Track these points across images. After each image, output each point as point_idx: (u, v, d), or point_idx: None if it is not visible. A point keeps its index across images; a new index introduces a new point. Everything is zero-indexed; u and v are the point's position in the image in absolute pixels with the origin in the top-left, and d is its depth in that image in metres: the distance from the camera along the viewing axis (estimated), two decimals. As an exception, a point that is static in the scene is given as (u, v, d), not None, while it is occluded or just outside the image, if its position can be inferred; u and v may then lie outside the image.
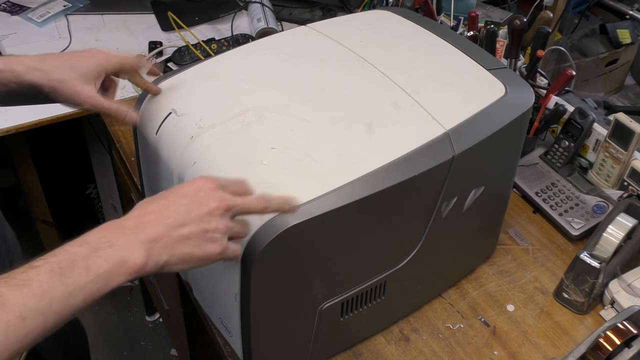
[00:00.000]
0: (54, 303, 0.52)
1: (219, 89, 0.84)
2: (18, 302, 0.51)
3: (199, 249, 0.61)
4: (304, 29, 0.96)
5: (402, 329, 0.94)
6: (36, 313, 0.51)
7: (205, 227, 0.61)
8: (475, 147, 0.79)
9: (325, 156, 0.74)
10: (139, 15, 1.67)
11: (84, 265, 0.55)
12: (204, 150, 0.76)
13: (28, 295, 0.51)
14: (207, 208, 0.62)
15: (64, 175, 2.01)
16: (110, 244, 0.57)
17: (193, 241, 0.61)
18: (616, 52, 2.11)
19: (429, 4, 1.29)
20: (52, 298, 0.52)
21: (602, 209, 1.08)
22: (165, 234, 0.60)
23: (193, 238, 0.61)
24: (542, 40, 1.16)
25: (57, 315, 0.53)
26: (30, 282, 0.52)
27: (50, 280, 0.53)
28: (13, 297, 0.51)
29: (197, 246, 0.61)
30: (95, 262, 0.55)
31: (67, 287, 0.53)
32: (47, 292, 0.52)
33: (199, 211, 0.61)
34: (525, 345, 0.92)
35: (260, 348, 0.80)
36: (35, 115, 1.32)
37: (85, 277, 0.54)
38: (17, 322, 0.50)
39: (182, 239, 0.61)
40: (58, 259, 0.54)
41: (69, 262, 0.54)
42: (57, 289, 0.53)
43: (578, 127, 1.12)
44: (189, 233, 0.61)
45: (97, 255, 0.56)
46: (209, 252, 0.62)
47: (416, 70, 0.87)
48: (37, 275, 0.53)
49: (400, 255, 0.84)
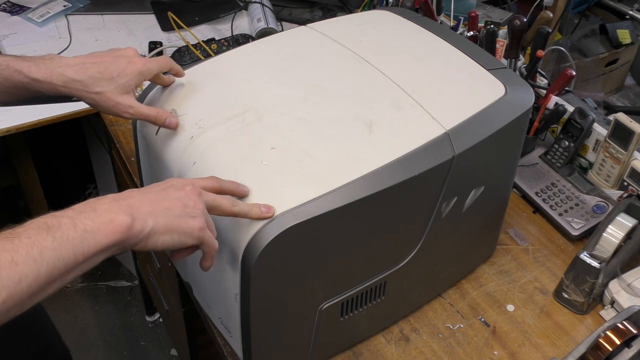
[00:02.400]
0: (45, 252, 0.54)
1: (219, 89, 0.84)
2: (8, 249, 0.52)
3: (182, 220, 0.63)
4: (304, 29, 0.96)
5: (402, 329, 0.94)
6: (27, 259, 0.52)
7: (185, 202, 0.64)
8: (475, 147, 0.79)
9: (325, 156, 0.74)
10: (139, 15, 1.67)
11: (71, 223, 0.56)
12: (204, 150, 0.76)
13: (18, 245, 0.53)
14: (183, 190, 0.65)
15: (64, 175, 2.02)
16: (94, 209, 0.59)
17: (176, 212, 0.63)
18: (616, 52, 2.11)
19: (429, 4, 1.29)
20: (42, 247, 0.54)
21: (602, 209, 1.08)
22: (148, 203, 0.62)
23: (175, 210, 0.63)
24: (542, 40, 1.16)
25: (50, 266, 0.54)
26: (19, 235, 0.54)
27: (38, 234, 0.54)
28: (2, 245, 0.52)
29: (179, 217, 0.63)
30: (82, 221, 0.57)
31: (56, 239, 0.54)
32: (36, 242, 0.54)
33: (176, 191, 0.65)
34: (525, 345, 0.92)
35: (260, 348, 0.80)
36: (35, 115, 1.32)
37: (73, 231, 0.56)
38: (9, 266, 0.52)
39: (165, 209, 0.62)
40: (44, 219, 0.56)
41: (55, 220, 0.56)
42: (46, 239, 0.54)
43: (578, 127, 1.12)
44: (171, 205, 0.63)
45: (83, 216, 0.57)
46: (191, 226, 0.64)
47: (416, 70, 0.87)
48: (25, 230, 0.54)
49: (400, 255, 0.84)
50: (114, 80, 0.78)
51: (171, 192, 0.64)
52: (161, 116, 0.79)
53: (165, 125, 0.80)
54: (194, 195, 0.65)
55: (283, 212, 0.68)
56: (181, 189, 0.65)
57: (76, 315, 1.98)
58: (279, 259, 0.70)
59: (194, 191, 0.65)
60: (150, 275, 1.55)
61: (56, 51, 1.49)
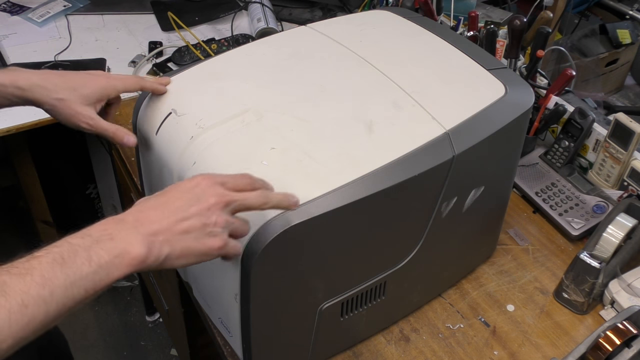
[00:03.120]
0: (56, 291, 0.53)
1: (219, 89, 0.84)
2: (20, 289, 0.51)
3: (199, 242, 0.62)
4: (304, 29, 0.96)
5: (402, 329, 0.94)
6: (38, 301, 0.52)
7: (205, 222, 0.62)
8: (475, 147, 0.79)
9: (325, 156, 0.74)
10: (139, 15, 1.67)
11: (86, 256, 0.55)
12: (204, 150, 0.76)
13: (30, 283, 0.52)
14: (207, 203, 0.62)
15: (64, 175, 2.02)
16: (111, 237, 0.58)
17: (193, 235, 0.61)
18: (616, 52, 2.11)
19: (429, 4, 1.29)
20: (54, 286, 0.53)
21: (602, 209, 1.08)
22: (165, 228, 0.60)
23: (193, 232, 0.61)
24: (542, 40, 1.16)
25: (59, 304, 0.54)
26: (32, 271, 0.53)
27: (52, 270, 0.53)
28: (15, 284, 0.52)
29: (197, 240, 0.62)
30: (97, 253, 0.56)
31: (69, 277, 0.54)
32: (48, 280, 0.53)
33: (198, 206, 0.62)
34: (525, 345, 0.92)
35: (260, 348, 0.80)
36: (35, 115, 1.31)
37: (87, 267, 0.55)
38: (19, 310, 0.51)
39: (183, 232, 0.61)
40: (60, 250, 0.55)
41: (71, 252, 0.55)
42: (58, 277, 0.53)
43: (578, 127, 1.12)
44: (189, 227, 0.61)
45: (99, 247, 0.56)
46: (210, 246, 0.62)
47: (416, 70, 0.87)
48: (39, 264, 0.53)
49: (400, 255, 0.84)
50: (77, 90, 0.79)
51: (193, 210, 0.62)
52: (119, 133, 0.80)
53: (123, 142, 0.80)
54: (217, 210, 0.63)
55: (283, 212, 0.68)
56: (205, 202, 0.62)
57: (76, 315, 1.98)
58: (279, 258, 0.70)
59: (218, 205, 0.63)
60: (150, 275, 1.55)
61: (56, 51, 1.49)
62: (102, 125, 0.80)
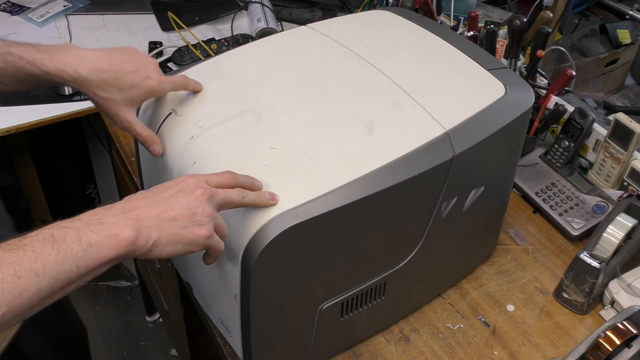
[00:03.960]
0: (48, 266, 0.55)
1: (218, 89, 0.84)
2: (13, 261, 0.53)
3: (187, 230, 0.63)
4: (304, 29, 0.96)
5: (402, 329, 0.94)
6: (30, 273, 0.53)
7: (194, 211, 0.64)
8: (475, 147, 0.79)
9: (325, 156, 0.74)
10: (139, 15, 1.67)
11: (76, 236, 0.57)
12: (204, 150, 0.76)
13: (22, 257, 0.54)
14: (193, 195, 0.64)
15: (64, 175, 2.02)
16: (100, 221, 0.59)
17: (182, 222, 0.63)
18: (616, 52, 2.11)
19: (429, 4, 1.29)
20: (46, 261, 0.55)
21: (602, 209, 1.08)
22: (154, 215, 0.62)
23: (181, 220, 0.63)
24: (542, 40, 1.16)
25: (51, 279, 0.55)
26: (24, 247, 0.55)
27: (43, 246, 0.55)
28: (7, 258, 0.53)
29: (185, 227, 0.63)
30: (87, 234, 0.58)
31: (60, 253, 0.55)
32: (40, 255, 0.54)
33: (185, 197, 0.64)
34: (525, 345, 0.92)
35: (260, 348, 0.80)
36: (35, 115, 1.32)
37: (77, 245, 0.57)
38: (12, 280, 0.52)
39: (171, 219, 0.63)
40: (50, 230, 0.57)
41: (61, 232, 0.57)
42: (50, 253, 0.55)
43: (578, 127, 1.12)
44: (177, 215, 0.63)
45: (89, 229, 0.58)
46: (197, 234, 0.64)
47: (416, 70, 0.87)
48: (31, 242, 0.55)
49: (400, 255, 0.84)
50: (124, 91, 0.79)
51: (180, 200, 0.64)
52: (150, 139, 0.80)
53: (149, 150, 0.81)
54: (203, 201, 0.64)
55: (283, 212, 0.68)
56: (191, 193, 0.64)
57: (76, 315, 1.98)
58: (279, 259, 0.70)
59: (204, 196, 0.65)
60: (150, 275, 1.55)
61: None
62: (136, 129, 0.80)
